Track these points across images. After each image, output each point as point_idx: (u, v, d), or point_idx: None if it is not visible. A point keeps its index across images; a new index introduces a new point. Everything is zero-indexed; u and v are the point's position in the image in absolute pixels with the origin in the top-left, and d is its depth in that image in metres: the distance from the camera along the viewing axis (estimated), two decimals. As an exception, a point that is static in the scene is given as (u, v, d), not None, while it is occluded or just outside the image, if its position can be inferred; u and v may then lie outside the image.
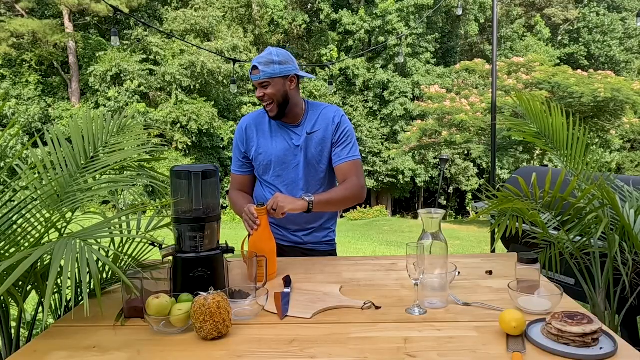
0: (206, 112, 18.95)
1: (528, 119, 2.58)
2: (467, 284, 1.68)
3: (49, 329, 1.39)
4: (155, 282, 1.47)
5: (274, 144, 2.09)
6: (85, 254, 1.26)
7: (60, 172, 1.79)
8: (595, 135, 14.87)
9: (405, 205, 25.18)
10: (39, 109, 18.07)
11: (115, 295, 1.64)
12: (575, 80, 13.42)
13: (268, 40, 22.35)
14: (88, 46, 19.55)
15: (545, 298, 1.42)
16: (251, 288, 1.49)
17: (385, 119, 22.08)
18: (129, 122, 2.14)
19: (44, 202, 1.67)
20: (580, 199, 2.07)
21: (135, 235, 1.80)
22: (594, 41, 25.12)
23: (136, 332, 1.35)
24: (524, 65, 15.07)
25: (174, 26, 19.80)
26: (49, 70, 19.76)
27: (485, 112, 14.10)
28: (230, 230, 12.66)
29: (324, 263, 1.98)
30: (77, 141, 1.90)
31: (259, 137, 2.13)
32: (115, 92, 18.35)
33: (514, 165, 17.11)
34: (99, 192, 1.70)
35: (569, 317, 1.21)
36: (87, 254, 1.26)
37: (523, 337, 1.24)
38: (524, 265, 1.49)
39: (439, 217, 1.48)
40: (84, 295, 1.19)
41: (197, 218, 1.50)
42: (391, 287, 1.66)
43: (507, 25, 24.79)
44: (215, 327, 1.25)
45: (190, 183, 1.50)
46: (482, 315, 1.40)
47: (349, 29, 22.16)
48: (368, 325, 1.35)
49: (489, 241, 6.60)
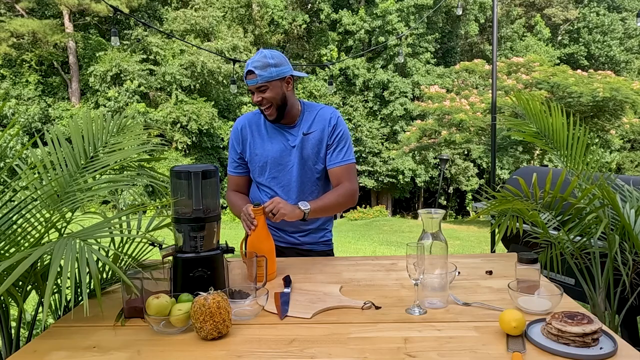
0: (206, 112, 18.95)
1: (527, 119, 2.58)
2: (467, 284, 1.68)
3: (49, 329, 1.39)
4: (155, 282, 1.47)
5: (270, 145, 2.09)
6: (85, 253, 1.26)
7: (60, 172, 1.79)
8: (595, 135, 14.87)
9: (405, 205, 25.18)
10: (38, 109, 18.08)
11: (115, 295, 1.64)
12: (575, 80, 13.42)
13: (268, 40, 22.35)
14: (88, 46, 19.55)
15: (545, 298, 1.42)
16: (251, 288, 1.49)
17: (385, 118, 22.09)
18: (129, 122, 2.14)
19: (44, 202, 1.67)
20: (581, 199, 2.07)
21: (136, 235, 1.80)
22: (594, 41, 25.13)
23: (136, 332, 1.35)
24: (523, 65, 15.07)
25: (174, 26, 19.80)
26: (49, 70, 19.76)
27: (485, 112, 14.10)
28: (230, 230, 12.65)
29: (323, 263, 1.98)
30: (77, 141, 1.90)
31: (254, 138, 2.12)
32: (115, 92, 18.35)
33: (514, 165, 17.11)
34: (99, 192, 1.70)
35: (569, 317, 1.21)
36: (87, 254, 1.26)
37: (523, 337, 1.24)
38: (524, 265, 1.49)
39: (439, 217, 1.48)
40: (84, 295, 1.19)
41: (197, 218, 1.50)
42: (391, 287, 1.66)
43: (507, 25, 24.80)
44: (215, 327, 1.25)
45: (190, 183, 1.49)
46: (482, 315, 1.40)
47: (349, 29, 22.17)
48: (368, 325, 1.35)
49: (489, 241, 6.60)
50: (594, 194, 2.14)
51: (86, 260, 1.25)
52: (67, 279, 1.27)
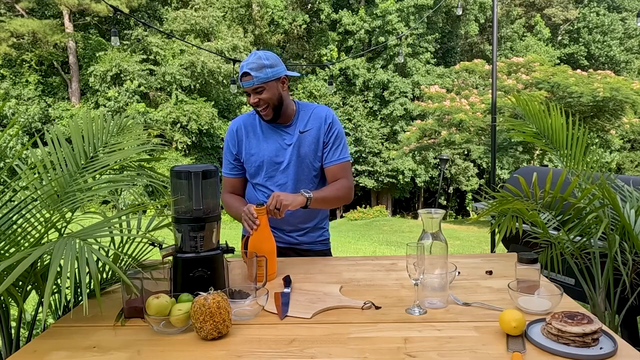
0: (206, 112, 18.95)
1: (527, 120, 2.58)
2: (467, 284, 1.68)
3: (49, 329, 1.39)
4: (155, 282, 1.47)
5: (266, 145, 2.10)
6: (85, 253, 1.26)
7: (60, 172, 1.79)
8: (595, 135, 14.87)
9: (405, 205, 25.18)
10: (38, 109, 18.07)
11: (115, 295, 1.64)
12: (575, 80, 13.42)
13: (268, 40, 22.35)
14: (88, 46, 19.55)
15: (545, 298, 1.42)
16: (251, 288, 1.49)
17: (385, 118, 22.09)
18: (129, 122, 2.14)
19: (44, 202, 1.67)
20: (581, 199, 2.07)
21: (136, 235, 1.80)
22: (594, 41, 25.13)
23: (136, 332, 1.35)
24: (523, 65, 15.07)
25: (174, 26, 19.79)
26: (49, 70, 19.76)
27: (485, 113, 14.11)
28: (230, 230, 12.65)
29: (323, 263, 1.98)
30: (77, 141, 1.90)
31: (249, 139, 2.13)
32: (115, 92, 18.35)
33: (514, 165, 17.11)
34: (99, 192, 1.70)
35: (569, 317, 1.21)
36: (87, 254, 1.26)
37: (523, 337, 1.24)
38: (524, 265, 1.49)
39: (439, 217, 1.48)
40: (84, 295, 1.19)
41: (197, 218, 1.50)
42: (391, 287, 1.66)
43: (507, 25, 24.80)
44: (215, 327, 1.25)
45: (190, 183, 1.49)
46: (482, 315, 1.40)
47: (349, 29, 22.17)
48: (368, 325, 1.35)
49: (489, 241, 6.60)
50: (594, 194, 2.14)
51: (86, 259, 1.25)
52: (67, 278, 1.27)
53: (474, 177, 22.30)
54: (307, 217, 2.14)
